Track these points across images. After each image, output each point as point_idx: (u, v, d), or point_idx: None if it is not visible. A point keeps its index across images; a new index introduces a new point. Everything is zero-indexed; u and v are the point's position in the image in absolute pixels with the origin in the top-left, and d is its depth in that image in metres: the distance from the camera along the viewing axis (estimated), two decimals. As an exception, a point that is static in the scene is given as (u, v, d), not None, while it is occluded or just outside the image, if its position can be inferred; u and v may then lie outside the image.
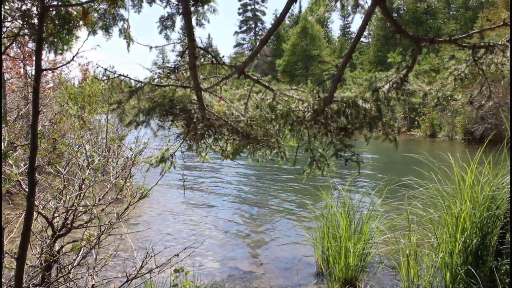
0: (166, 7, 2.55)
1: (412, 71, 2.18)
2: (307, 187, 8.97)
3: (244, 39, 66.47)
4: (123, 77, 2.08)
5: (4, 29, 2.83)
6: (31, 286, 2.78)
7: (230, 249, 5.31)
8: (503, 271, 3.17)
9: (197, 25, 2.55)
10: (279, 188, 9.34)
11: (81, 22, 2.79)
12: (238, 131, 2.33)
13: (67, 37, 2.93)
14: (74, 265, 2.97)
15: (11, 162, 2.87)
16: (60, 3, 2.75)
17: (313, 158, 2.30)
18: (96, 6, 2.74)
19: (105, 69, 2.06)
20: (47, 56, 9.41)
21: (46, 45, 2.83)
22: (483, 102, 2.53)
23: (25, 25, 2.66)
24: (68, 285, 2.90)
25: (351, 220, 4.15)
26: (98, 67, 2.08)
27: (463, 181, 3.60)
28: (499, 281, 3.08)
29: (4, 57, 5.35)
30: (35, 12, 2.69)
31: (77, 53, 2.38)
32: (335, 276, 4.02)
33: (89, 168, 3.30)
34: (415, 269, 3.46)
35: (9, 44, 2.77)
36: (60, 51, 3.01)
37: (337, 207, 4.32)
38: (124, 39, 2.80)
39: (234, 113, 2.30)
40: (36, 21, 2.67)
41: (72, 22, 2.78)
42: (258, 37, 63.35)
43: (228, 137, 2.50)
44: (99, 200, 3.20)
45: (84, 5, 2.64)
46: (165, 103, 2.09)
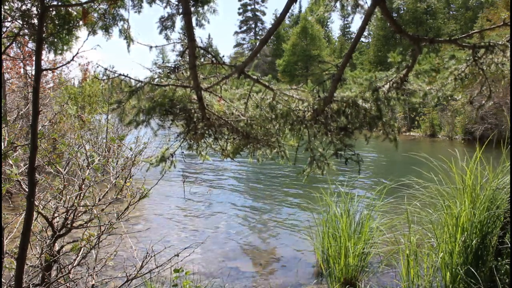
0: (166, 7, 2.55)
1: (412, 71, 2.18)
2: (307, 187, 8.97)
3: (244, 39, 66.48)
4: (123, 77, 2.08)
5: (4, 29, 2.83)
6: (31, 286, 2.78)
7: (230, 249, 5.31)
8: (503, 271, 3.16)
9: (197, 25, 2.55)
10: (279, 188, 9.34)
11: (81, 22, 2.79)
12: (238, 130, 2.33)
13: (67, 37, 2.93)
14: (74, 265, 2.97)
15: (11, 162, 2.87)
16: (60, 3, 2.75)
17: (313, 157, 2.30)
18: (96, 6, 2.74)
19: (105, 69, 2.06)
20: (47, 56, 9.41)
21: (46, 45, 2.83)
22: (483, 102, 2.53)
23: (25, 25, 2.66)
24: (68, 285, 2.90)
25: (351, 220, 4.15)
26: (98, 66, 2.08)
27: (463, 181, 3.60)
28: (499, 281, 3.08)
29: (4, 57, 5.35)
30: (35, 12, 2.69)
31: (77, 53, 2.38)
32: (335, 276, 4.02)
33: (89, 168, 3.30)
34: (415, 269, 3.46)
35: (9, 44, 2.77)
36: (60, 51, 3.01)
37: (337, 207, 4.32)
38: (124, 39, 2.80)
39: (234, 112, 2.30)
40: (36, 21, 2.67)
41: (72, 22, 2.78)
42: (258, 37, 63.35)
43: (228, 137, 2.50)
44: (99, 200, 3.20)
45: (84, 5, 2.64)
46: (165, 103, 2.09)
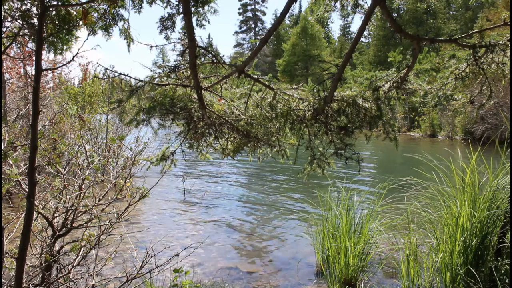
0: (166, 7, 2.55)
1: (413, 70, 2.18)
2: (307, 187, 8.97)
3: (244, 39, 66.54)
4: (123, 76, 2.08)
5: (4, 29, 2.83)
6: (31, 286, 2.78)
7: (230, 249, 5.30)
8: (503, 271, 3.16)
9: (197, 25, 2.55)
10: (279, 188, 9.34)
11: (81, 22, 2.78)
12: (238, 129, 2.32)
13: (66, 37, 2.93)
14: (74, 265, 2.97)
15: (11, 162, 2.87)
16: (60, 3, 2.75)
17: (313, 156, 2.30)
18: (96, 6, 2.74)
19: (106, 69, 2.05)
20: (47, 56, 9.41)
21: (46, 45, 2.83)
22: (484, 101, 2.53)
23: (24, 25, 2.66)
24: (68, 285, 2.90)
25: (351, 220, 4.15)
26: (98, 66, 2.07)
27: (463, 181, 3.60)
28: (499, 281, 3.07)
29: (4, 57, 5.35)
30: (35, 12, 2.69)
31: (77, 53, 2.38)
32: (335, 276, 4.01)
33: (89, 168, 3.30)
34: (415, 269, 3.46)
35: (9, 44, 2.77)
36: (60, 51, 3.00)
37: (337, 207, 4.32)
38: (125, 39, 2.80)
39: (234, 111, 2.30)
40: (35, 21, 2.67)
41: (72, 22, 2.78)
42: (258, 37, 63.38)
43: (229, 136, 2.49)
44: (99, 200, 3.20)
45: (84, 5, 2.64)
46: (165, 102, 2.09)
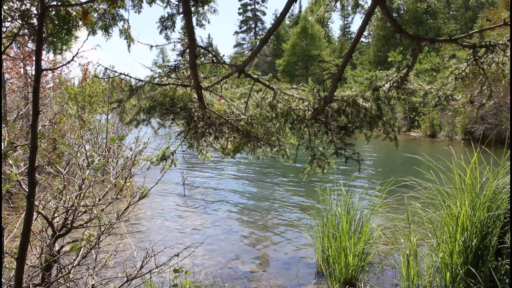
0: (166, 7, 2.55)
1: (413, 70, 2.18)
2: (307, 187, 8.97)
3: (244, 39, 66.55)
4: (123, 76, 2.08)
5: (4, 29, 2.83)
6: (31, 286, 2.78)
7: (230, 249, 5.30)
8: (503, 271, 3.16)
9: (197, 25, 2.55)
10: (279, 187, 9.34)
11: (80, 22, 2.78)
12: (238, 129, 2.32)
13: (66, 37, 2.92)
14: (74, 265, 2.97)
15: (11, 162, 2.87)
16: (60, 3, 2.75)
17: (313, 156, 2.30)
18: (96, 6, 2.74)
19: (106, 69, 2.05)
20: (47, 56, 9.41)
21: (46, 45, 2.82)
22: (484, 101, 2.53)
23: (24, 25, 2.66)
24: (68, 285, 2.90)
25: (351, 220, 4.14)
26: (98, 66, 2.07)
27: (463, 181, 3.60)
28: (499, 281, 3.07)
29: (4, 57, 5.35)
30: (35, 12, 2.69)
31: (77, 53, 2.38)
32: (335, 276, 4.01)
33: (89, 168, 3.30)
34: (415, 269, 3.46)
35: (8, 44, 2.77)
36: (60, 51, 3.00)
37: (337, 207, 4.31)
38: (125, 39, 2.80)
39: (234, 111, 2.30)
40: (35, 21, 2.66)
41: (72, 22, 2.78)
42: (258, 37, 63.39)
43: (229, 136, 2.49)
44: (99, 200, 3.20)
45: (84, 5, 2.64)
46: (165, 102, 2.09)
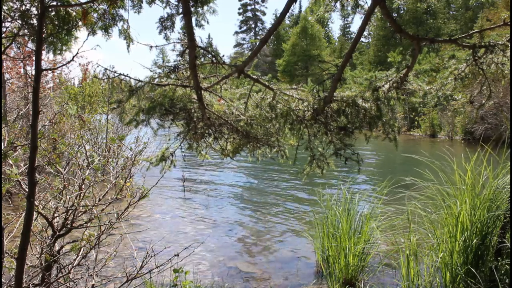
0: (166, 7, 2.55)
1: (412, 71, 2.18)
2: (307, 187, 8.97)
3: (244, 39, 66.53)
4: (123, 77, 2.08)
5: (4, 29, 2.83)
6: (31, 286, 2.78)
7: (230, 249, 5.31)
8: (503, 271, 3.16)
9: (196, 25, 2.55)
10: (279, 187, 9.34)
11: (80, 23, 2.78)
12: (238, 130, 2.32)
13: (66, 37, 2.93)
14: (74, 265, 2.97)
15: (11, 162, 2.87)
16: (59, 4, 2.75)
17: (313, 157, 2.31)
18: (95, 7, 2.74)
19: (105, 69, 2.06)
20: (47, 56, 9.42)
21: (46, 45, 2.83)
22: (483, 101, 2.53)
23: (24, 25, 2.66)
24: (68, 285, 2.90)
25: (351, 220, 4.14)
26: (98, 66, 2.07)
27: (463, 181, 3.60)
28: (499, 281, 3.07)
29: (4, 57, 5.35)
30: (35, 12, 2.69)
31: (77, 53, 2.38)
32: (335, 276, 4.01)
33: (89, 168, 3.30)
34: (415, 269, 3.46)
35: (8, 44, 2.77)
36: (59, 51, 3.00)
37: (337, 207, 4.31)
38: (124, 39, 2.80)
39: (234, 112, 2.30)
40: (35, 21, 2.67)
41: (72, 22, 2.78)
42: (258, 37, 63.38)
43: (228, 136, 2.49)
44: (99, 200, 3.20)
45: (84, 5, 2.64)
46: (165, 102, 2.09)
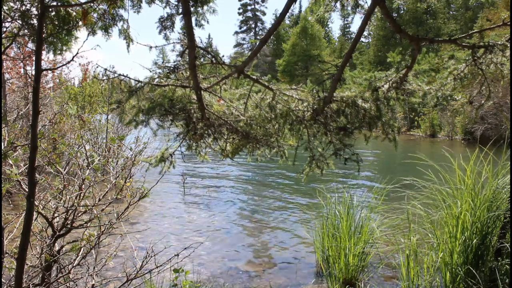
0: (165, 7, 2.55)
1: (412, 71, 2.18)
2: (307, 187, 8.97)
3: (244, 39, 66.55)
4: (123, 77, 2.08)
5: (4, 29, 2.83)
6: (31, 286, 2.78)
7: (230, 249, 5.31)
8: (503, 271, 3.16)
9: (196, 25, 2.55)
10: (279, 188, 9.34)
11: (80, 23, 2.79)
12: (237, 130, 2.33)
13: (66, 37, 2.93)
14: (74, 265, 2.97)
15: (11, 162, 2.87)
16: (59, 4, 2.75)
17: (312, 157, 2.31)
18: (95, 7, 2.75)
19: (105, 69, 2.06)
20: (47, 56, 9.42)
21: (46, 45, 2.83)
22: (483, 101, 2.53)
23: (24, 26, 2.66)
24: (68, 285, 2.90)
25: (351, 220, 4.15)
26: (98, 67, 2.08)
27: (463, 181, 3.60)
28: (499, 281, 3.07)
29: (4, 57, 5.35)
30: (35, 12, 2.69)
31: (77, 53, 2.38)
32: (335, 276, 4.01)
33: (89, 168, 3.30)
34: (415, 269, 3.46)
35: (8, 44, 2.77)
36: (59, 52, 3.01)
37: (337, 207, 4.32)
38: (124, 39, 2.80)
39: (233, 112, 2.30)
40: (35, 21, 2.67)
41: (72, 22, 2.78)
42: (258, 37, 63.38)
43: (228, 137, 2.49)
44: (99, 200, 3.20)
45: (84, 5, 2.64)
46: (164, 103, 2.09)
